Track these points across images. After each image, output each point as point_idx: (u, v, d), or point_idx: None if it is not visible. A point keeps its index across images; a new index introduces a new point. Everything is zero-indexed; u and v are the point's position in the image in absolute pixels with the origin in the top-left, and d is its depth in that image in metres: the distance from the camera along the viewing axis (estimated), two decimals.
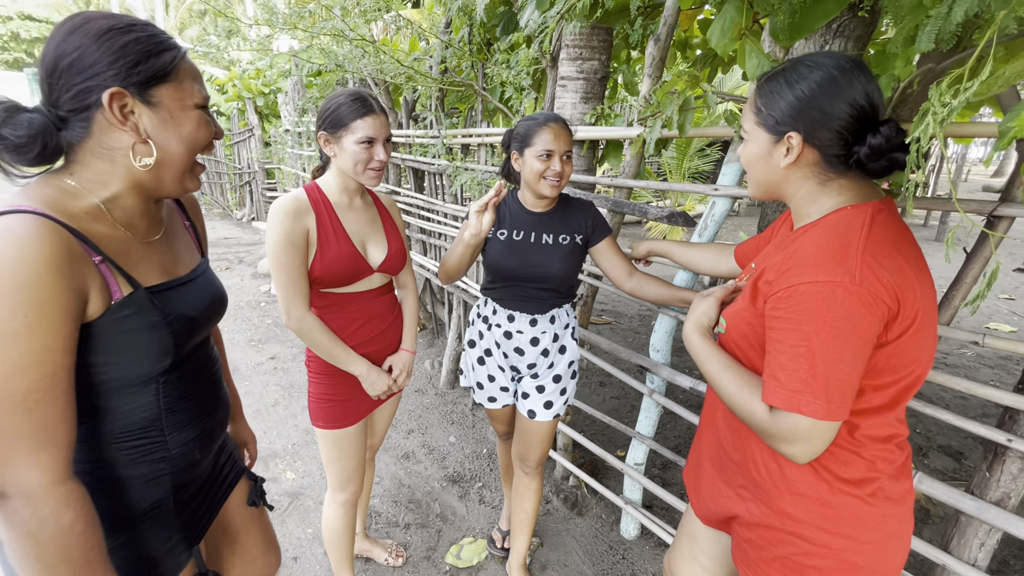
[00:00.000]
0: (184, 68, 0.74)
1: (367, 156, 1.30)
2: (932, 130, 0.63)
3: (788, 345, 0.77)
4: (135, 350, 0.73)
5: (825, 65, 0.80)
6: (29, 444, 0.61)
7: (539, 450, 1.65)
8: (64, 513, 0.64)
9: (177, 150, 0.74)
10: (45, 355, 0.62)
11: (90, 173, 0.72)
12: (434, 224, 3.23)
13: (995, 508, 1.11)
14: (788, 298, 0.77)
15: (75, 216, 0.68)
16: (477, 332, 1.64)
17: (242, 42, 2.85)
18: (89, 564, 0.66)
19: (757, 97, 0.89)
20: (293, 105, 5.10)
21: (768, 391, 0.79)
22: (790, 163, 0.86)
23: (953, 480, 2.53)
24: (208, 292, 0.90)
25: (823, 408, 0.74)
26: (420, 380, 3.37)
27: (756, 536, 0.94)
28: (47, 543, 0.62)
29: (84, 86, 0.67)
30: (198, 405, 0.88)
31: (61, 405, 0.64)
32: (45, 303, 0.61)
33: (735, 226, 8.76)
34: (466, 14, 2.48)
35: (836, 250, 0.76)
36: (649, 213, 1.76)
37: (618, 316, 4.69)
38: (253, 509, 1.12)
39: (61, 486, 0.64)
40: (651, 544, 2.06)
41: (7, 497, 0.62)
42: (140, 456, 0.79)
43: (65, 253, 0.63)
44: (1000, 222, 1.04)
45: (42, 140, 0.67)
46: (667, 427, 2.84)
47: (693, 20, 2.66)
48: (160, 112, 0.72)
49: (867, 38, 1.34)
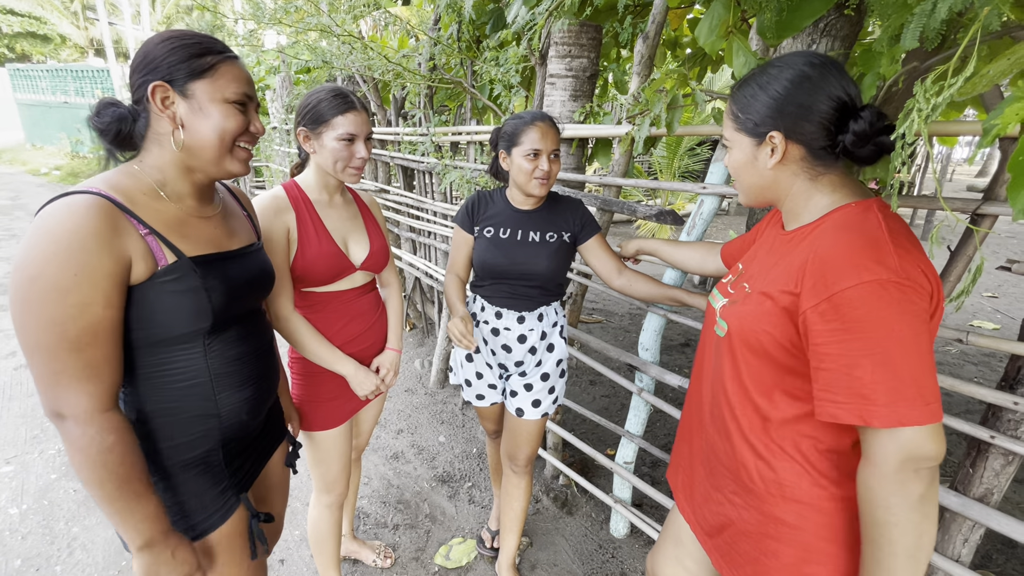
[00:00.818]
0: (223, 69, 0.87)
1: (348, 153, 1.28)
2: (917, 126, 0.62)
3: (859, 357, 0.70)
4: (175, 310, 0.86)
5: (795, 63, 0.81)
6: (81, 376, 0.76)
7: (528, 449, 1.64)
8: (107, 435, 0.78)
9: (207, 135, 0.87)
10: (90, 307, 0.75)
11: (150, 158, 0.88)
12: (424, 223, 3.21)
13: (978, 504, 1.12)
14: (836, 308, 0.72)
15: (131, 195, 0.83)
16: None
17: (228, 38, 2.81)
18: (128, 479, 0.80)
19: (733, 105, 0.89)
20: (281, 102, 5.03)
21: (862, 412, 0.71)
22: (776, 162, 0.85)
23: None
24: (256, 267, 1.02)
25: (924, 411, 0.68)
26: (410, 380, 3.35)
27: (750, 546, 0.92)
28: (94, 458, 0.77)
29: (143, 79, 0.84)
30: (247, 371, 1.00)
31: (105, 349, 0.78)
32: (89, 265, 0.74)
33: (725, 225, 8.82)
34: (455, 11, 2.46)
35: (867, 247, 0.72)
36: (638, 211, 1.75)
37: (609, 315, 4.69)
38: (284, 473, 1.26)
39: (105, 413, 0.79)
40: (640, 543, 2.06)
41: (64, 418, 0.77)
42: (192, 412, 0.92)
43: (110, 227, 0.77)
44: (984, 220, 1.05)
45: (117, 127, 0.85)
46: (656, 426, 2.85)
47: (683, 19, 2.66)
48: (192, 103, 0.85)
49: (854, 37, 1.34)
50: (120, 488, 0.80)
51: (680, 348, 4.02)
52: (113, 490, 0.79)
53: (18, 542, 1.98)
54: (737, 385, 0.92)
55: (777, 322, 0.83)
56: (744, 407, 0.91)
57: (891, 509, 0.71)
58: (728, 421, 0.95)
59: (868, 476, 0.74)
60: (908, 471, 0.70)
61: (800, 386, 0.84)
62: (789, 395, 0.85)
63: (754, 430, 0.90)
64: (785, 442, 0.87)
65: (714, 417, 1.00)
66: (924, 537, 0.72)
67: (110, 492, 0.79)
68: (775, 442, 0.88)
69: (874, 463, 0.73)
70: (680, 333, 4.27)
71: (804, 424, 0.85)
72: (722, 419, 0.96)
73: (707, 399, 1.03)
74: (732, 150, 0.92)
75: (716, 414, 0.99)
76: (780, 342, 0.83)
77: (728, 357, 0.93)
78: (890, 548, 0.72)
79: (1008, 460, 1.10)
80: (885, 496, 0.71)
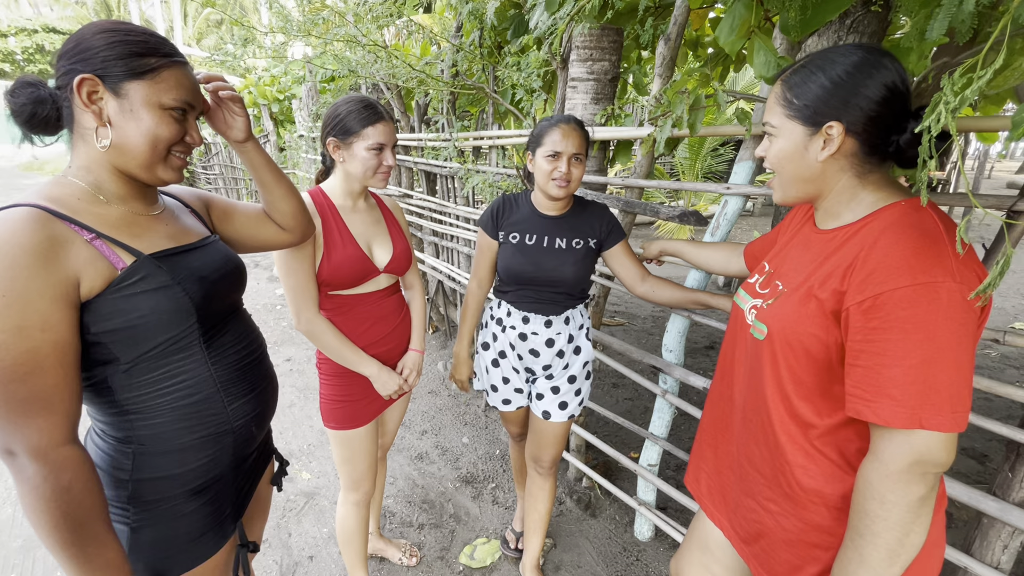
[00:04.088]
0: (165, 74, 0.81)
1: (377, 161, 1.32)
2: (944, 120, 0.62)
3: (897, 357, 0.70)
4: (152, 313, 0.79)
5: (855, 51, 0.77)
6: (28, 410, 0.68)
7: (553, 451, 1.65)
8: (61, 474, 0.70)
9: (137, 139, 0.80)
10: (25, 332, 0.68)
11: (78, 158, 0.82)
12: (446, 227, 3.25)
13: (1018, 509, 1.08)
14: (882, 306, 0.71)
15: (67, 202, 0.77)
16: (491, 334, 1.63)
17: (257, 50, 2.90)
18: (85, 522, 0.72)
19: (785, 90, 0.83)
20: (307, 111, 5.17)
21: (884, 411, 0.71)
22: (829, 155, 0.80)
23: (977, 483, 2.47)
24: (221, 257, 0.95)
25: (949, 419, 0.68)
26: (433, 382, 3.39)
27: (792, 554, 0.90)
28: (48, 499, 0.70)
29: (69, 67, 0.77)
30: (252, 376, 0.95)
31: (52, 377, 0.70)
32: (19, 284, 0.67)
33: (750, 226, 8.66)
34: (477, 18, 2.50)
35: (927, 248, 0.70)
36: (661, 213, 1.75)
37: (631, 317, 4.66)
38: (269, 493, 1.18)
39: (60, 449, 0.71)
40: (665, 546, 2.05)
41: (15, 455, 0.69)
42: (204, 430, 0.87)
43: (45, 239, 0.70)
44: (1021, 217, 1.02)
45: (32, 109, 0.78)
46: (681, 428, 2.82)
47: (704, 19, 2.64)
48: (124, 103, 0.79)
49: (882, 34, 1.32)
50: (76, 532, 0.71)
51: (704, 351, 3.96)
52: (67, 535, 0.71)
53: None
54: (777, 389, 0.88)
55: (824, 324, 0.80)
56: (785, 412, 0.88)
57: (885, 504, 0.71)
58: (766, 426, 0.91)
59: (871, 471, 0.73)
60: (916, 473, 0.70)
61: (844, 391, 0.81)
62: (834, 400, 0.83)
63: (795, 436, 0.87)
64: (828, 448, 0.84)
65: (748, 422, 0.96)
66: (911, 538, 0.71)
67: (64, 537, 0.71)
68: (817, 448, 0.85)
69: (881, 460, 0.72)
70: (705, 336, 4.21)
71: (848, 429, 0.83)
72: (759, 424, 0.93)
73: (739, 404, 1.00)
74: (777, 138, 0.86)
75: (751, 419, 0.95)
76: (827, 345, 0.80)
77: (769, 360, 0.89)
78: (872, 540, 0.72)
79: None
80: (883, 491, 0.71)
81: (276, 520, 2.16)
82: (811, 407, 0.85)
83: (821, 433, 0.84)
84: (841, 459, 0.84)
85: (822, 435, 0.84)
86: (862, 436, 0.82)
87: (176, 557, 0.87)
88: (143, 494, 0.84)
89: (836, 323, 0.79)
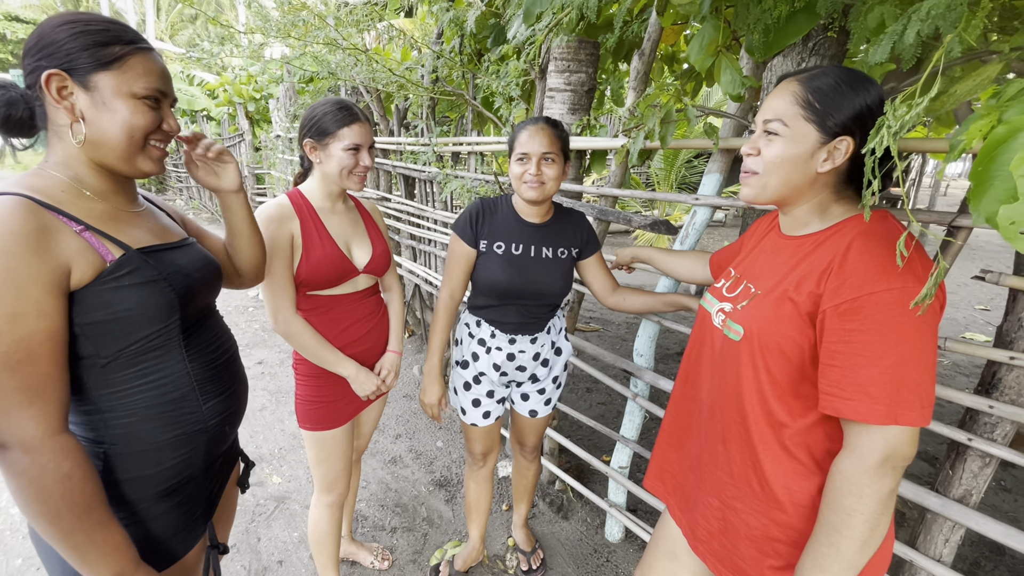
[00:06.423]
0: (132, 61, 0.79)
1: (353, 162, 1.34)
2: (886, 142, 0.68)
3: (874, 357, 0.74)
4: (139, 307, 0.79)
5: (876, 83, 0.81)
6: (22, 400, 0.68)
7: (536, 437, 1.74)
8: (61, 462, 0.70)
9: (112, 131, 0.79)
10: (20, 319, 0.67)
11: (54, 155, 0.80)
12: (424, 231, 3.26)
13: (958, 505, 1.16)
14: (860, 309, 0.75)
15: (52, 194, 0.76)
16: (471, 354, 1.55)
17: (235, 48, 2.87)
18: (90, 507, 0.72)
19: (807, 92, 0.82)
20: (285, 111, 5.11)
21: (863, 408, 0.75)
22: (827, 169, 0.83)
23: (928, 485, 2.59)
24: (200, 256, 0.96)
25: (919, 414, 0.73)
26: (408, 385, 3.38)
27: (755, 549, 0.93)
28: (50, 489, 0.69)
29: (37, 65, 0.76)
30: (226, 376, 0.96)
31: (45, 366, 0.70)
32: (12, 271, 0.66)
33: (721, 236, 8.90)
34: (457, 25, 2.53)
35: (895, 255, 0.75)
36: (633, 221, 1.81)
37: (605, 323, 4.74)
38: (235, 494, 1.18)
39: (56, 437, 0.70)
40: (635, 547, 2.09)
41: (7, 448, 0.68)
42: (179, 428, 0.86)
43: (36, 227, 0.69)
44: (959, 232, 1.10)
45: (5, 111, 0.77)
46: (652, 432, 2.88)
47: (680, 35, 2.74)
48: (95, 95, 0.77)
49: (841, 56, 1.40)
50: (81, 519, 0.71)
51: (675, 356, 4.05)
52: (73, 522, 0.71)
53: (19, 542, 2.00)
54: (755, 390, 0.90)
55: (799, 326, 0.83)
56: (760, 412, 0.90)
57: (862, 498, 0.75)
58: (739, 426, 0.93)
59: (848, 467, 0.77)
60: (887, 467, 0.75)
61: (815, 393, 0.84)
62: (804, 399, 0.86)
63: (767, 436, 0.89)
64: (798, 448, 0.87)
65: (715, 422, 0.98)
66: (879, 528, 0.77)
67: (70, 524, 0.70)
68: (787, 449, 0.88)
69: (858, 455, 0.77)
70: (676, 342, 4.31)
71: (819, 431, 0.86)
72: (730, 424, 0.95)
73: (706, 404, 1.02)
74: (783, 138, 0.85)
75: (719, 419, 0.97)
76: (800, 346, 0.84)
77: (748, 361, 0.90)
78: (849, 534, 0.76)
79: (985, 462, 1.14)
80: (860, 487, 0.75)
81: (245, 525, 2.12)
82: (784, 407, 0.87)
83: (793, 433, 0.87)
84: (810, 460, 0.87)
85: (794, 436, 0.87)
86: (831, 438, 0.86)
87: (147, 558, 0.86)
88: (115, 496, 0.83)
89: (811, 325, 0.83)
